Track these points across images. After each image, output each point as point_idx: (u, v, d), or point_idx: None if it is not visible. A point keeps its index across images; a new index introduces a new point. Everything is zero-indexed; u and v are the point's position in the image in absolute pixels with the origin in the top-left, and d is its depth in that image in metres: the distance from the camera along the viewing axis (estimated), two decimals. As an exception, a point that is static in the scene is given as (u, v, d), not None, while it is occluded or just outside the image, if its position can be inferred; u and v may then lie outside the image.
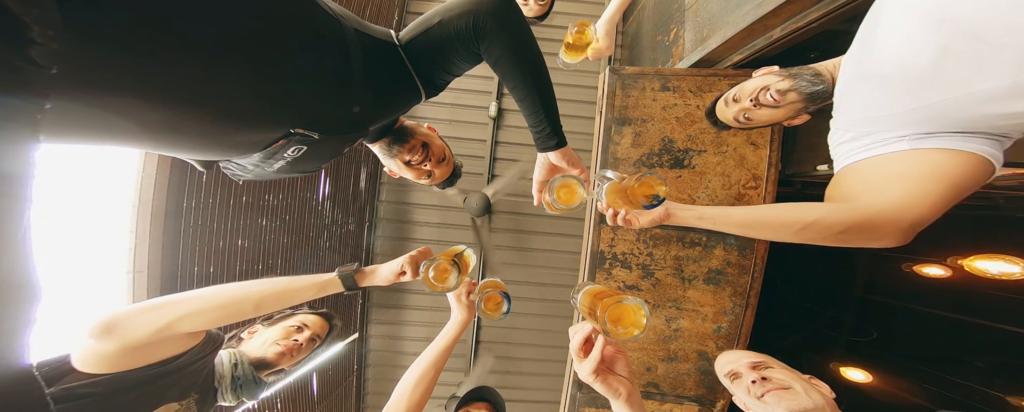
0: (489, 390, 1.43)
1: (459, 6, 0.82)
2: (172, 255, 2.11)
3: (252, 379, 1.13)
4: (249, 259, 2.68)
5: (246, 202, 2.61)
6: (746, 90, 1.15)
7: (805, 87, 1.02)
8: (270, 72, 0.67)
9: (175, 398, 0.97)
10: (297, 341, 1.21)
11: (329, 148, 0.90)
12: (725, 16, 1.66)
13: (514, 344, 4.08)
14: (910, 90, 0.75)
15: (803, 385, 1.05)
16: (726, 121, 1.23)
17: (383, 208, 4.09)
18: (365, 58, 0.82)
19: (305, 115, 0.77)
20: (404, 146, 1.16)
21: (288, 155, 0.82)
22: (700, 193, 1.79)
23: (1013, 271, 2.09)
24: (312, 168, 0.97)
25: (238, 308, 0.92)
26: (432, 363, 1.08)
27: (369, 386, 4.14)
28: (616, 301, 0.74)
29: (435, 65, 0.92)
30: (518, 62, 0.84)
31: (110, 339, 0.84)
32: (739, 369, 1.16)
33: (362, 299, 4.01)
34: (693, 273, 1.83)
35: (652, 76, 1.81)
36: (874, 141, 0.85)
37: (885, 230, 0.79)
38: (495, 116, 3.96)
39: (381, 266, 1.03)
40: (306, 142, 0.80)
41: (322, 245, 3.50)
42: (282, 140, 0.77)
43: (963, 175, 0.76)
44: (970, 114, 0.72)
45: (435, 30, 0.86)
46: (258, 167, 0.86)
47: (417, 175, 1.24)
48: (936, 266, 2.51)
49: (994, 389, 2.19)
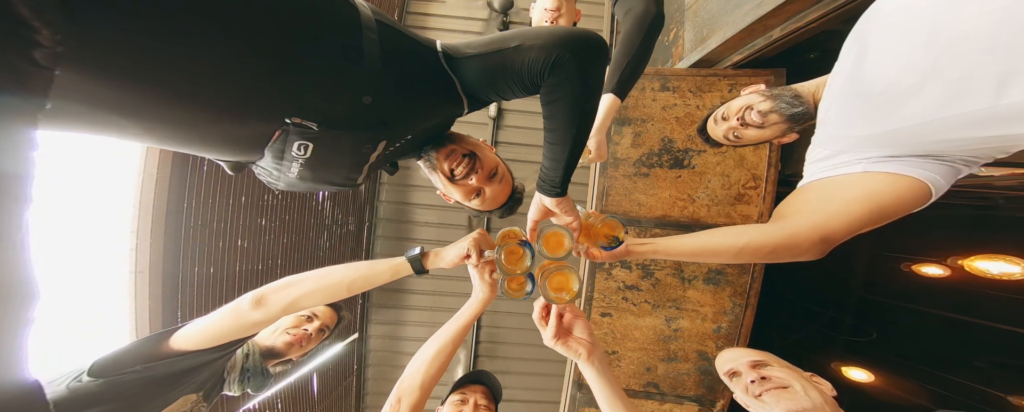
0: (486, 374, 1.41)
1: (546, 38, 0.78)
2: (173, 255, 2.11)
3: (260, 370, 1.15)
4: (249, 259, 2.68)
5: (246, 202, 2.61)
6: (732, 108, 1.17)
7: (785, 109, 1.04)
8: (255, 54, 0.64)
9: (194, 389, 1.01)
10: (306, 331, 1.23)
11: (343, 147, 0.84)
12: (725, 16, 1.66)
13: (514, 344, 4.08)
14: (892, 111, 0.77)
15: (802, 384, 1.05)
16: (717, 139, 1.25)
17: (383, 208, 4.09)
18: (384, 47, 0.77)
19: (300, 102, 0.72)
20: (441, 150, 1.02)
21: (296, 154, 0.78)
22: (700, 193, 1.79)
23: (1013, 271, 2.09)
24: (338, 178, 0.90)
25: (337, 289, 0.99)
26: (450, 339, 1.06)
27: (369, 386, 4.14)
28: (556, 269, 0.85)
29: (490, 84, 0.86)
30: (574, 112, 0.81)
31: (259, 309, 0.95)
32: (739, 368, 1.16)
33: (362, 299, 4.01)
34: (693, 273, 1.83)
35: (652, 76, 1.81)
36: (840, 162, 0.88)
37: (802, 248, 0.84)
38: (495, 116, 3.96)
39: (446, 249, 1.01)
40: (307, 136, 0.76)
41: (322, 245, 3.50)
42: (278, 132, 0.74)
43: (893, 200, 0.80)
44: (943, 138, 0.74)
45: (510, 54, 0.81)
46: (280, 172, 0.84)
47: (465, 194, 1.05)
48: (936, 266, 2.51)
49: (994, 389, 2.19)
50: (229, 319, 0.96)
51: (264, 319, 0.96)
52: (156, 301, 2.01)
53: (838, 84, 0.90)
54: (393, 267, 1.01)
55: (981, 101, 0.65)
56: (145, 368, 0.90)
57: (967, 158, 0.81)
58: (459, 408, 1.22)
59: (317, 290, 0.98)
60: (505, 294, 0.96)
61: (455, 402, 1.25)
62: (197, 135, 0.71)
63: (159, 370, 0.92)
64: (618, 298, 1.89)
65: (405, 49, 0.81)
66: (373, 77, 0.76)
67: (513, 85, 0.83)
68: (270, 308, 0.96)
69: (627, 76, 1.05)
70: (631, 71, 1.04)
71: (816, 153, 0.97)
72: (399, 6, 3.90)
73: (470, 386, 1.34)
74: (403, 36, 0.82)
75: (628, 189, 1.83)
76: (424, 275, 1.03)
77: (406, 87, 0.83)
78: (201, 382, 1.02)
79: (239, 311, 0.96)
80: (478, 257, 0.98)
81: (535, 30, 0.80)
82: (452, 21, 3.88)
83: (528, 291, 0.96)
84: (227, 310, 0.97)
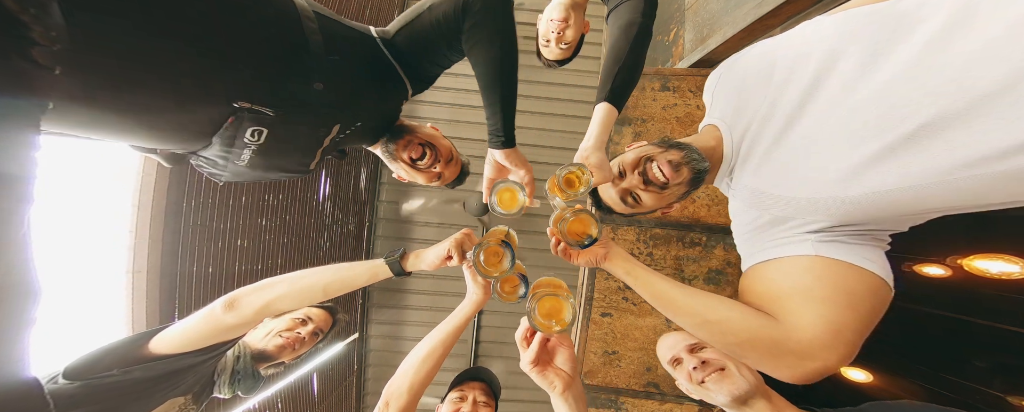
0: (484, 370, 1.38)
1: None
2: (172, 255, 2.10)
3: (251, 372, 1.13)
4: (249, 259, 2.68)
5: (246, 202, 2.61)
6: (627, 161, 0.94)
7: (695, 163, 0.85)
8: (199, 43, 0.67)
9: (182, 392, 0.99)
10: (299, 334, 1.21)
11: (298, 135, 0.87)
12: (725, 16, 1.66)
13: (514, 344, 4.09)
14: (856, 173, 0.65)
15: (735, 364, 1.05)
16: (610, 204, 1.01)
17: (383, 208, 4.08)
18: (325, 34, 0.82)
19: (251, 88, 0.74)
20: (399, 142, 1.11)
21: (248, 141, 0.80)
22: (700, 193, 1.79)
23: (1013, 271, 2.09)
24: (291, 164, 0.94)
25: (312, 292, 0.97)
26: (442, 341, 1.03)
27: (369, 386, 4.13)
28: (549, 292, 0.75)
29: (422, 56, 0.94)
30: (494, 50, 0.85)
31: (232, 312, 0.93)
32: (680, 354, 1.15)
33: (362, 299, 4.01)
34: (693, 273, 1.83)
35: (652, 76, 1.82)
36: (782, 235, 0.77)
37: (788, 361, 0.69)
38: (495, 116, 3.96)
39: (427, 251, 0.99)
40: (261, 121, 0.78)
41: (322, 245, 3.49)
42: (231, 118, 0.75)
43: (874, 303, 0.69)
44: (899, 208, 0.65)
45: (426, 14, 0.89)
46: (227, 160, 0.84)
47: (427, 178, 1.20)
48: (936, 266, 2.51)
49: (994, 389, 2.19)
50: (204, 323, 0.95)
51: (239, 322, 0.95)
52: (153, 301, 2.01)
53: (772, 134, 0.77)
54: (371, 269, 0.99)
55: None
56: (122, 372, 0.88)
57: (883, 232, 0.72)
58: (458, 406, 1.20)
59: (291, 293, 0.96)
60: (499, 296, 0.91)
61: (454, 400, 1.23)
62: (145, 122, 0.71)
63: (137, 374, 0.89)
64: (618, 298, 1.89)
65: (347, 37, 0.88)
66: (321, 64, 0.81)
67: (443, 46, 0.90)
68: (243, 311, 0.94)
69: (619, 85, 0.95)
70: (623, 80, 0.95)
71: (747, 215, 0.84)
72: (399, 6, 3.90)
73: (468, 383, 1.31)
74: (342, 25, 0.88)
75: (628, 189, 1.84)
76: (405, 277, 1.01)
77: (353, 73, 0.88)
78: (188, 385, 1.00)
79: (213, 315, 0.94)
80: (460, 258, 0.96)
81: None
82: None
83: (522, 294, 0.89)
84: (202, 313, 0.95)
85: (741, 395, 0.98)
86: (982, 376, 2.28)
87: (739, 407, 1.00)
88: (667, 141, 0.92)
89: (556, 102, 3.93)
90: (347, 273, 0.99)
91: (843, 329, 0.67)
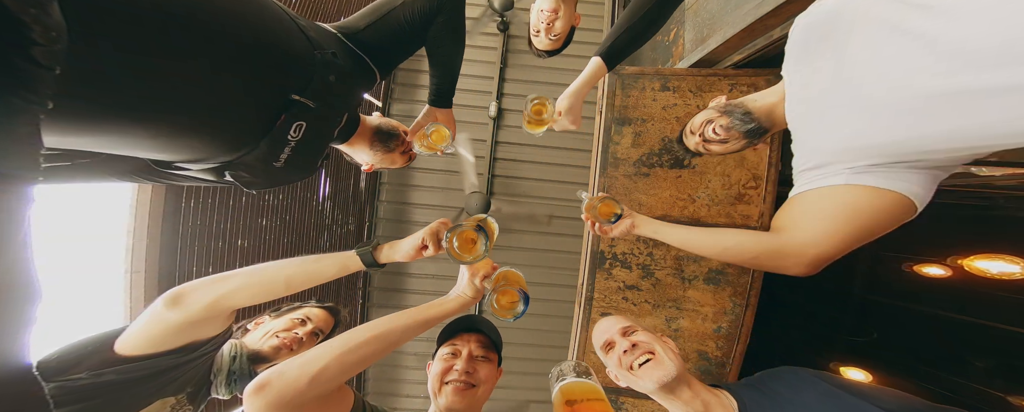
0: (481, 319, 1.15)
1: None
2: (170, 255, 2.10)
3: (247, 373, 1.10)
4: (249, 259, 2.68)
5: (246, 202, 2.60)
6: (695, 123, 1.13)
7: (738, 126, 1.01)
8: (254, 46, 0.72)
9: (173, 392, 0.96)
10: (297, 335, 1.18)
11: (324, 128, 0.95)
12: (725, 16, 1.66)
13: (513, 344, 4.08)
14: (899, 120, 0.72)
15: (662, 347, 1.03)
16: (692, 148, 1.21)
17: (383, 208, 4.08)
18: (316, 33, 0.90)
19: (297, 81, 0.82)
20: (398, 140, 1.21)
21: (291, 137, 0.85)
22: (700, 193, 1.79)
23: (1013, 271, 2.09)
24: (309, 163, 0.99)
25: (272, 286, 0.94)
26: (400, 328, 0.84)
27: (369, 386, 4.14)
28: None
29: (390, 47, 1.04)
30: (457, 44, 1.08)
31: (176, 309, 0.90)
32: (613, 337, 1.12)
33: (362, 299, 4.01)
34: (693, 273, 1.83)
35: (652, 76, 1.82)
36: (826, 173, 0.86)
37: (790, 262, 0.86)
38: (495, 116, 3.96)
39: (401, 241, 0.97)
40: (304, 114, 0.84)
41: (322, 245, 3.49)
42: (284, 115, 0.81)
43: (878, 218, 0.80)
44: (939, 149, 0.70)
45: (397, 12, 1.00)
46: (265, 163, 0.86)
47: (404, 160, 1.30)
48: (936, 266, 2.51)
49: (994, 389, 2.19)
50: (150, 322, 0.90)
51: (186, 319, 0.90)
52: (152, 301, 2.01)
53: (815, 94, 0.86)
54: (340, 261, 0.96)
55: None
56: (93, 375, 0.84)
57: (948, 165, 0.78)
58: (450, 362, 1.03)
59: (247, 286, 0.92)
60: (492, 311, 0.85)
61: (445, 356, 1.05)
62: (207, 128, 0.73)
63: (110, 377, 0.85)
64: (618, 298, 1.89)
65: (324, 33, 0.94)
66: (326, 57, 0.87)
67: (409, 37, 1.03)
68: (189, 307, 0.89)
69: (622, 44, 1.07)
70: (626, 41, 1.06)
71: (800, 162, 0.95)
72: (399, 6, 3.90)
73: (462, 335, 1.10)
74: (317, 26, 0.94)
75: (628, 189, 1.84)
76: (377, 269, 0.99)
77: (346, 66, 0.94)
78: (178, 385, 0.97)
79: (155, 313, 0.90)
80: (436, 247, 0.94)
81: None
82: (452, 21, 3.88)
83: (519, 312, 0.86)
84: (147, 312, 0.91)
85: (668, 382, 0.96)
86: (982, 376, 2.28)
87: (666, 395, 0.98)
88: (728, 106, 1.05)
89: (556, 102, 3.93)
90: (313, 266, 0.94)
91: (835, 234, 0.81)
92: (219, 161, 0.83)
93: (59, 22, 0.46)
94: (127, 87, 0.59)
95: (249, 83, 0.73)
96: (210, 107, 0.70)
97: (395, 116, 4.00)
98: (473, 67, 3.92)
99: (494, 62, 3.93)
